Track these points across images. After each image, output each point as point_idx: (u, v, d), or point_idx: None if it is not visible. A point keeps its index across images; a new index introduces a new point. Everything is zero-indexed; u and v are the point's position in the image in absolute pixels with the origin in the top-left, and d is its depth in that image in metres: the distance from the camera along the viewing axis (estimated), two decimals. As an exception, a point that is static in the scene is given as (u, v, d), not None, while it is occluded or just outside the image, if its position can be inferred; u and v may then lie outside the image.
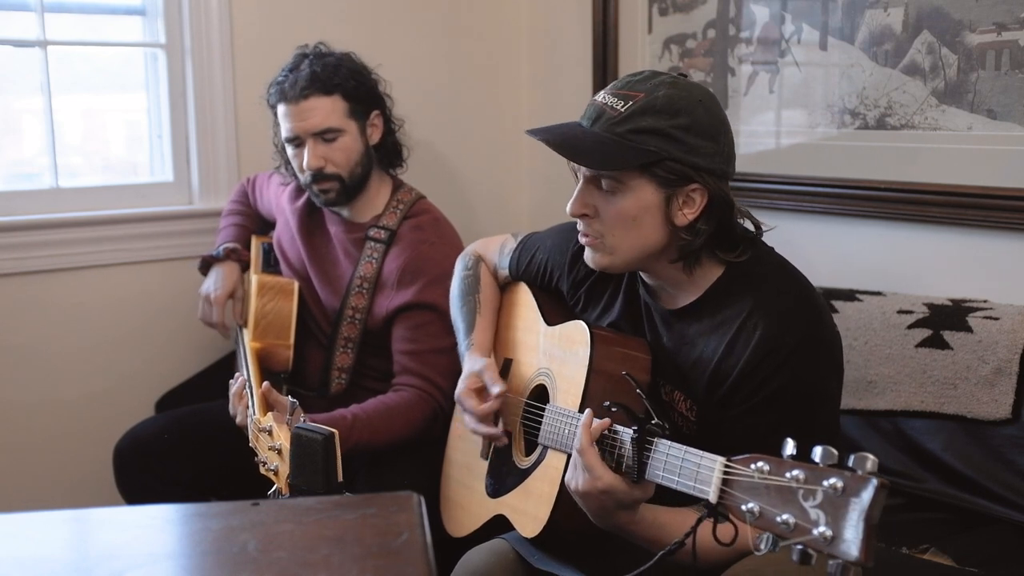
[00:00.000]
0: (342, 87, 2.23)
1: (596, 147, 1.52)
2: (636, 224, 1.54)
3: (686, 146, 1.50)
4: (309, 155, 2.23)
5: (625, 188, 1.53)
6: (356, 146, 2.27)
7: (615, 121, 1.52)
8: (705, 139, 1.52)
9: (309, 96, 2.21)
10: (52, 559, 1.07)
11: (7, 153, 2.71)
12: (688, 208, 1.53)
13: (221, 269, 2.44)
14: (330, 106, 2.22)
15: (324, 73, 2.22)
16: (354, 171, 2.27)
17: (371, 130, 2.31)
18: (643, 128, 1.50)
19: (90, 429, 2.65)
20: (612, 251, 1.58)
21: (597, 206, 1.56)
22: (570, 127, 1.58)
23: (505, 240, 2.02)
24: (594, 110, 1.56)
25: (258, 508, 1.15)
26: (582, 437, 1.48)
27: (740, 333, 1.53)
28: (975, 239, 2.19)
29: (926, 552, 1.91)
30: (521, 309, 1.94)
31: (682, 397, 1.61)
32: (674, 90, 1.52)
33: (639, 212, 1.53)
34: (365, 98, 2.29)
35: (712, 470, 1.26)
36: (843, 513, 1.06)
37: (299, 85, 2.21)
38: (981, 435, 1.98)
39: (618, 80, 1.59)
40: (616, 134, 1.51)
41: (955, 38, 2.15)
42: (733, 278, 1.59)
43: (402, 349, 2.25)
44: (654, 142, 1.50)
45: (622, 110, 1.52)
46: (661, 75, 1.56)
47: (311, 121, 2.22)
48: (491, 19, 3.15)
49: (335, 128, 2.23)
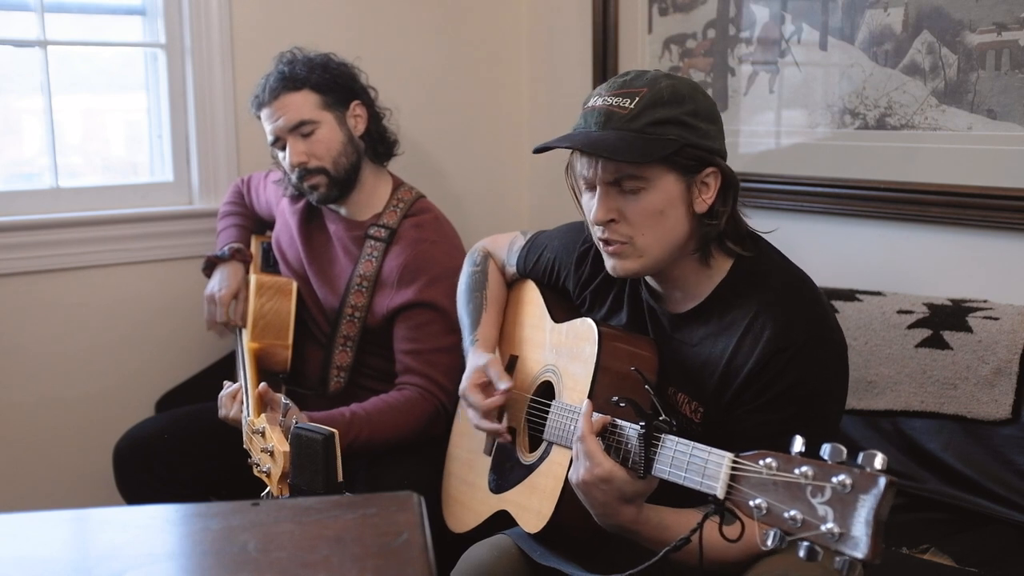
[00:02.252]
0: (309, 80, 2.27)
1: (624, 144, 1.51)
2: (663, 218, 1.54)
3: (699, 131, 1.53)
4: (290, 152, 2.27)
5: (649, 184, 1.53)
6: (336, 136, 2.28)
7: (629, 118, 1.52)
8: (710, 122, 1.56)
9: (279, 95, 2.26)
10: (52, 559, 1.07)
11: (7, 153, 2.71)
12: (705, 193, 1.56)
13: (226, 269, 2.44)
14: (300, 100, 2.26)
15: (291, 71, 2.27)
16: (338, 161, 2.28)
17: (353, 120, 2.33)
18: (660, 119, 1.51)
19: (90, 429, 2.65)
20: (642, 252, 1.57)
21: (621, 209, 1.55)
22: (584, 131, 1.56)
23: (514, 237, 2.03)
24: (600, 113, 1.55)
25: (258, 508, 1.15)
26: (582, 425, 1.48)
27: (747, 334, 1.53)
28: (975, 239, 2.19)
29: (926, 552, 1.91)
30: (528, 306, 1.94)
31: (686, 399, 1.61)
32: (672, 80, 1.55)
33: (665, 205, 1.54)
34: (337, 89, 2.31)
35: (720, 466, 1.26)
36: (851, 510, 1.06)
37: (268, 87, 2.28)
38: (981, 435, 1.98)
39: (607, 84, 1.59)
40: (634, 130, 1.51)
41: (955, 38, 2.15)
42: (738, 280, 1.59)
43: (404, 349, 2.25)
44: (673, 131, 1.52)
45: (632, 107, 1.52)
46: (646, 72, 1.58)
47: (284, 118, 2.26)
48: (491, 19, 3.15)
49: (308, 120, 2.26)
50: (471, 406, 1.82)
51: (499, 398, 1.78)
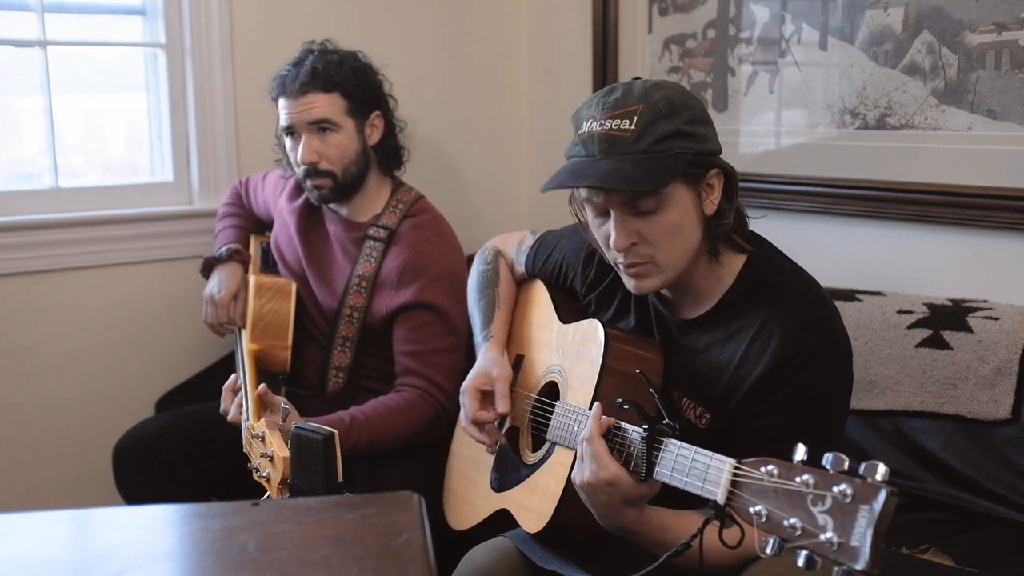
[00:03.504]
0: (341, 85, 2.24)
1: (639, 171, 1.48)
2: (681, 231, 1.54)
3: (699, 137, 1.53)
4: (304, 149, 2.24)
5: (665, 200, 1.52)
6: (352, 144, 2.27)
7: (633, 140, 1.49)
8: (705, 124, 1.56)
9: (308, 92, 2.22)
10: (52, 559, 1.07)
11: (7, 153, 2.71)
12: (711, 195, 1.56)
13: (225, 270, 2.44)
14: (328, 101, 2.23)
15: (325, 70, 2.23)
16: (348, 169, 2.27)
17: (370, 130, 2.31)
18: (663, 135, 1.50)
19: (90, 429, 2.65)
20: (664, 268, 1.56)
21: (640, 231, 1.54)
22: (590, 165, 1.52)
23: (523, 237, 2.03)
24: (602, 139, 1.51)
25: (258, 508, 1.15)
26: (592, 427, 1.48)
27: (755, 342, 1.53)
28: (975, 239, 2.19)
29: (926, 552, 1.91)
30: (536, 307, 1.94)
31: (691, 404, 1.61)
32: (662, 90, 1.53)
33: (682, 219, 1.54)
34: (365, 98, 2.29)
35: (721, 471, 1.26)
36: (851, 520, 1.06)
37: (299, 80, 2.23)
38: (981, 435, 1.98)
39: (596, 104, 1.54)
40: (641, 152, 1.49)
41: (955, 38, 2.15)
42: (746, 286, 1.59)
43: (403, 350, 2.25)
44: (679, 144, 1.51)
45: (633, 127, 1.49)
46: (632, 85, 1.55)
47: (308, 113, 2.23)
48: (491, 19, 3.15)
49: (331, 121, 2.23)
50: (465, 407, 1.82)
51: (490, 415, 1.80)
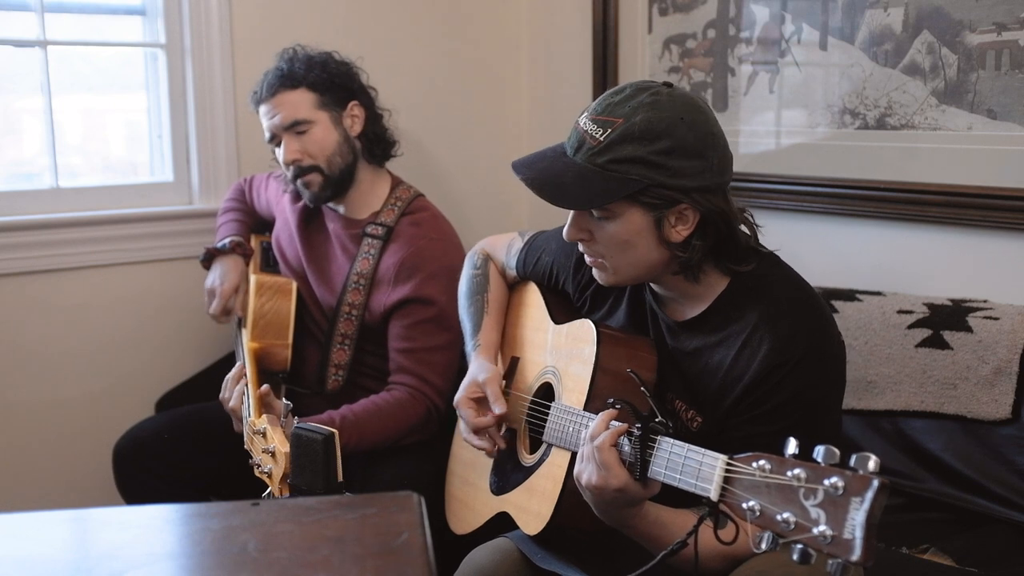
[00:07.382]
0: (306, 79, 2.28)
1: (578, 183, 1.50)
2: (631, 246, 1.54)
3: (669, 170, 1.48)
4: (284, 150, 2.29)
5: (613, 215, 1.52)
6: (330, 136, 2.29)
7: (595, 151, 1.50)
8: (690, 159, 1.48)
9: (277, 92, 2.28)
10: (52, 559, 1.07)
11: (7, 153, 2.71)
12: (682, 225, 1.52)
13: (227, 262, 2.44)
14: (296, 99, 2.27)
15: (290, 69, 2.29)
16: (332, 160, 2.29)
17: (350, 121, 2.33)
18: (623, 158, 1.48)
19: (90, 429, 2.65)
20: (615, 272, 1.59)
21: (591, 230, 1.56)
22: (553, 157, 1.56)
23: (512, 239, 2.02)
24: (576, 138, 1.54)
25: (258, 508, 1.15)
26: (606, 437, 1.45)
27: (746, 347, 1.52)
28: (975, 239, 2.19)
29: (926, 552, 1.91)
30: (530, 308, 1.94)
31: (684, 407, 1.61)
32: (653, 112, 1.48)
33: (631, 236, 1.53)
34: (336, 89, 2.31)
35: (714, 468, 1.26)
36: (844, 513, 1.06)
37: (267, 83, 2.30)
38: (981, 435, 1.98)
39: (601, 98, 1.55)
40: (597, 165, 1.49)
41: (955, 38, 2.15)
42: (739, 290, 1.58)
43: (397, 347, 2.25)
44: (636, 171, 1.48)
45: (601, 139, 1.49)
46: (643, 92, 1.51)
47: (280, 116, 2.28)
48: (491, 20, 3.15)
49: (303, 120, 2.27)
50: (463, 418, 1.83)
51: (489, 419, 1.79)
